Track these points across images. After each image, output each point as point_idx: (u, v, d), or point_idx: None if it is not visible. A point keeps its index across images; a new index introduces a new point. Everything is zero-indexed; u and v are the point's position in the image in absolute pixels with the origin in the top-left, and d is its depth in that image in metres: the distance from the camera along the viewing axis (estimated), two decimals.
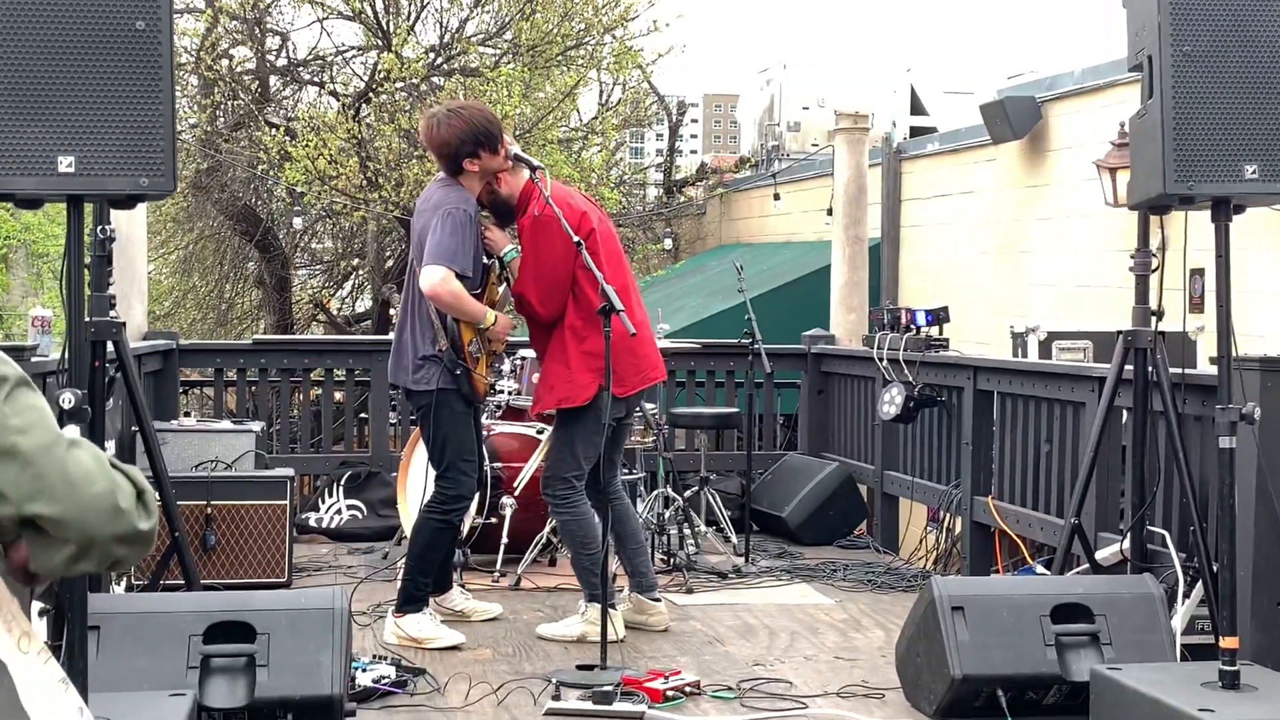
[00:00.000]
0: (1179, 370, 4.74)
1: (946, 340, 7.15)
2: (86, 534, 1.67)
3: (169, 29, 3.44)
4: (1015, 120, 10.62)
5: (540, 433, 6.72)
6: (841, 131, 9.88)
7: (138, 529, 1.69)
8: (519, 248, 5.22)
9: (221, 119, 13.31)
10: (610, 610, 4.90)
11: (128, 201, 3.55)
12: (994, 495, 6.48)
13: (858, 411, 8.09)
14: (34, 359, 4.77)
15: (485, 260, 5.26)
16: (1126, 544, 4.85)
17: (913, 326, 7.13)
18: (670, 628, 5.53)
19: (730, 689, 4.71)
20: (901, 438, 7.53)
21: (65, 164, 3.38)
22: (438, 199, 5.10)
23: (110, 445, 5.71)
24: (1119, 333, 4.77)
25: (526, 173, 5.20)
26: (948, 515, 6.91)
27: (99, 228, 3.68)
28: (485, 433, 6.34)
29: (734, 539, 7.07)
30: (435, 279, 4.95)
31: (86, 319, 3.71)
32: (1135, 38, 4.32)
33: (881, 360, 7.17)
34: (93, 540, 1.67)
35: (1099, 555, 5.08)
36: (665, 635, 5.45)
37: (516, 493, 6.35)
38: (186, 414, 8.55)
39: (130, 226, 7.08)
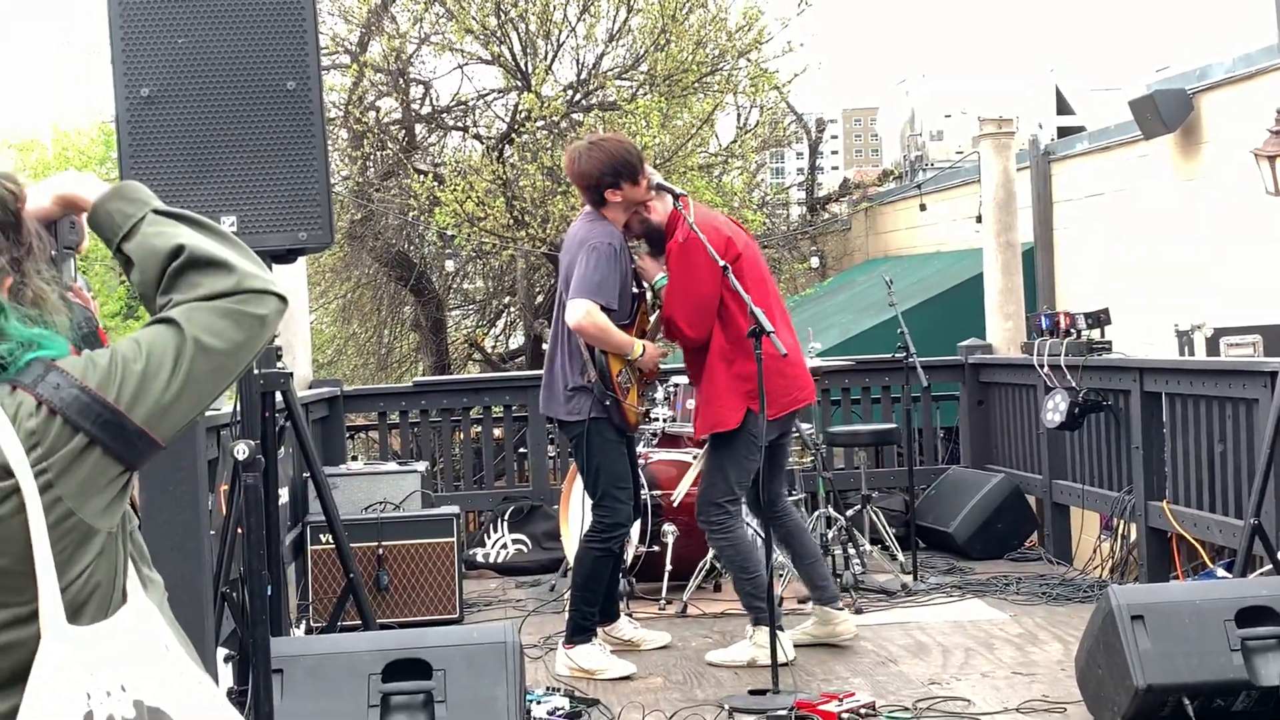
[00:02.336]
0: None
1: (1109, 343, 6.98)
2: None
3: (319, 87, 3.54)
4: (1166, 114, 10.34)
5: (697, 458, 6.73)
6: (987, 137, 9.75)
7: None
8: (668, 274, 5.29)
9: (372, 169, 13.65)
10: (778, 632, 4.89)
11: (288, 256, 3.65)
12: (1169, 499, 6.29)
13: (1021, 421, 7.94)
14: (207, 412, 4.93)
15: (635, 290, 5.33)
16: None
17: (1073, 331, 6.98)
18: (842, 648, 5.49)
19: (906, 709, 4.66)
20: (1068, 445, 7.36)
21: (227, 223, 3.50)
22: (583, 234, 5.18)
23: (284, 493, 5.88)
24: None
25: (671, 200, 5.27)
26: (1121, 522, 6.73)
27: None
28: (643, 460, 6.38)
29: (900, 556, 6.98)
30: (580, 313, 5.04)
31: (255, 371, 3.83)
32: None
33: (1043, 367, 7.03)
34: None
35: None
36: (837, 656, 5.41)
37: (675, 503, 6.37)
38: (353, 458, 8.76)
39: (291, 279, 7.29)
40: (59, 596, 1.66)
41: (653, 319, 5.45)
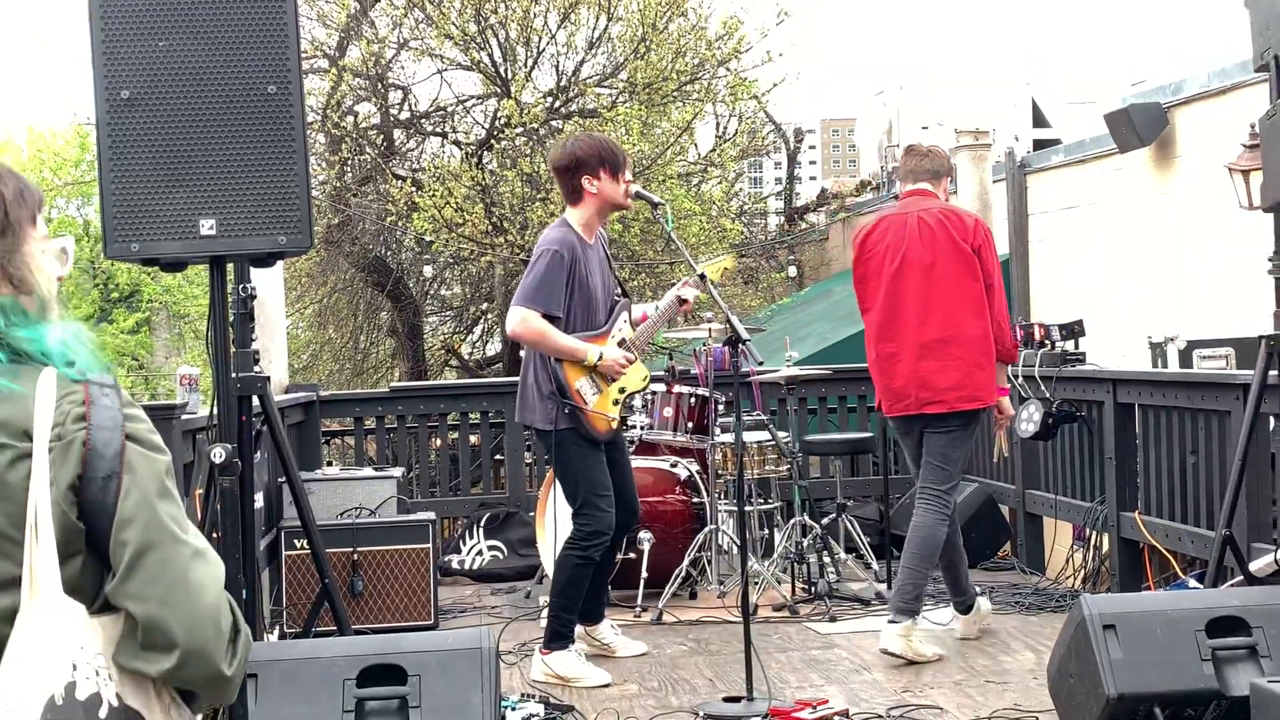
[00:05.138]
0: None
1: (1083, 354, 7.03)
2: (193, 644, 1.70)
3: (299, 91, 3.54)
4: (1141, 127, 10.42)
5: (674, 466, 6.75)
6: (963, 149, 9.82)
7: (219, 668, 1.72)
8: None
9: (350, 174, 13.63)
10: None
11: (267, 260, 3.65)
12: (1141, 510, 6.34)
13: (995, 431, 7.96)
14: (184, 416, 4.93)
15: (617, 297, 5.34)
16: None
17: (1047, 342, 7.02)
18: (816, 656, 5.52)
19: (880, 716, 4.68)
20: (1042, 455, 7.40)
21: (207, 226, 3.50)
22: (542, 239, 5.23)
23: (259, 498, 5.88)
24: (1261, 338, 4.66)
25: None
26: (1094, 533, 6.77)
27: (240, 286, 3.80)
28: None
29: (874, 565, 7.01)
30: (515, 321, 5.08)
31: (233, 375, 3.83)
32: (1260, 37, 4.23)
33: (1017, 378, 7.07)
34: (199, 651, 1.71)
35: (1253, 566, 4.94)
36: (811, 664, 5.43)
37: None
38: (329, 463, 8.74)
39: (269, 283, 7.27)
40: (56, 562, 1.68)
41: (637, 331, 5.41)
